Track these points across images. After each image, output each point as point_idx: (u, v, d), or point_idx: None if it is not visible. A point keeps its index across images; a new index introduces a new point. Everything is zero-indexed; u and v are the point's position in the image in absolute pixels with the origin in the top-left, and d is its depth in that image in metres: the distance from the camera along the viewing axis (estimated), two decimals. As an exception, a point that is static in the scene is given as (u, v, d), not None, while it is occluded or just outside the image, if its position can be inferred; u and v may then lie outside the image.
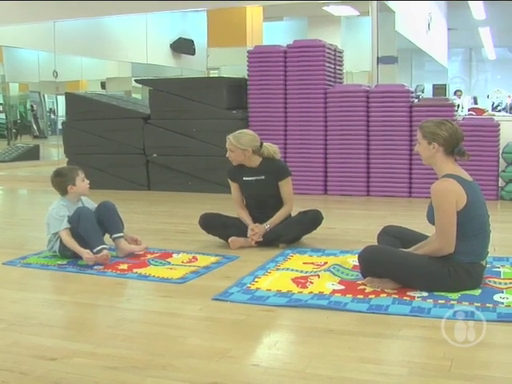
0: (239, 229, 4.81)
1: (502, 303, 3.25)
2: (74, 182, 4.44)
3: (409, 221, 5.33)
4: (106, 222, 4.45)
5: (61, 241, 4.36)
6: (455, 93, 15.16)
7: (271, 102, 8.13)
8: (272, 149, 4.90)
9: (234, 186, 4.94)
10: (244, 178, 4.86)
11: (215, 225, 4.87)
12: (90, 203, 4.61)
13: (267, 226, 4.75)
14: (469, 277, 3.45)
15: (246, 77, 8.35)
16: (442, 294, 3.39)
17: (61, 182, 4.47)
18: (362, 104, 7.78)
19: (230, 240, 4.75)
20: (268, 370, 2.50)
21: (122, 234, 4.48)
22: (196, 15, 12.53)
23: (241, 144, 4.75)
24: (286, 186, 4.81)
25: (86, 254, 4.19)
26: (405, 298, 3.36)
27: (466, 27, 16.79)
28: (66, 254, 4.39)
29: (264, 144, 4.87)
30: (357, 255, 3.70)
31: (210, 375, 2.46)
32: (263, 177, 4.81)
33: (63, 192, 4.48)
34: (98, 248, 4.21)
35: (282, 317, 3.24)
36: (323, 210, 5.01)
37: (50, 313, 3.30)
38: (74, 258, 4.34)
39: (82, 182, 4.48)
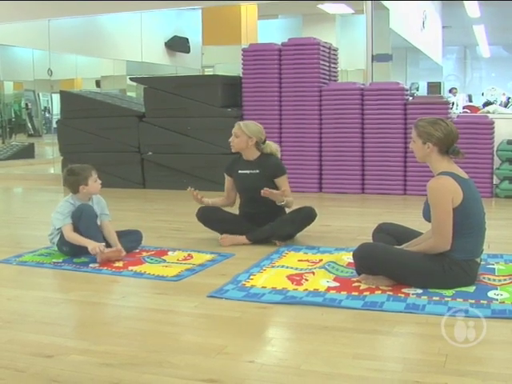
0: (236, 225, 4.84)
1: (497, 300, 3.27)
2: (86, 182, 4.40)
3: (404, 218, 5.35)
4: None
5: (60, 236, 4.37)
6: (450, 90, 15.20)
7: (266, 100, 8.13)
8: (274, 146, 4.99)
9: (227, 180, 5.01)
10: (239, 171, 4.92)
11: (212, 218, 4.88)
12: (101, 202, 4.58)
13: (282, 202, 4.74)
14: (463, 274, 3.46)
15: (241, 75, 8.36)
16: (437, 290, 3.40)
17: (74, 180, 4.42)
18: (356, 102, 7.79)
19: (220, 237, 4.77)
20: (263, 367, 2.51)
21: None
22: (191, 13, 12.53)
23: (248, 131, 4.82)
24: (283, 184, 4.81)
25: (92, 243, 4.17)
26: (399, 294, 3.38)
27: (460, 25, 16.81)
28: (62, 248, 4.40)
29: (267, 142, 4.95)
30: (352, 252, 3.71)
31: (206, 371, 2.47)
32: (258, 171, 4.85)
33: (74, 190, 4.44)
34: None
35: (277, 314, 3.24)
36: (318, 207, 5.03)
37: (46, 310, 3.30)
38: (70, 254, 4.37)
39: (94, 183, 4.44)
